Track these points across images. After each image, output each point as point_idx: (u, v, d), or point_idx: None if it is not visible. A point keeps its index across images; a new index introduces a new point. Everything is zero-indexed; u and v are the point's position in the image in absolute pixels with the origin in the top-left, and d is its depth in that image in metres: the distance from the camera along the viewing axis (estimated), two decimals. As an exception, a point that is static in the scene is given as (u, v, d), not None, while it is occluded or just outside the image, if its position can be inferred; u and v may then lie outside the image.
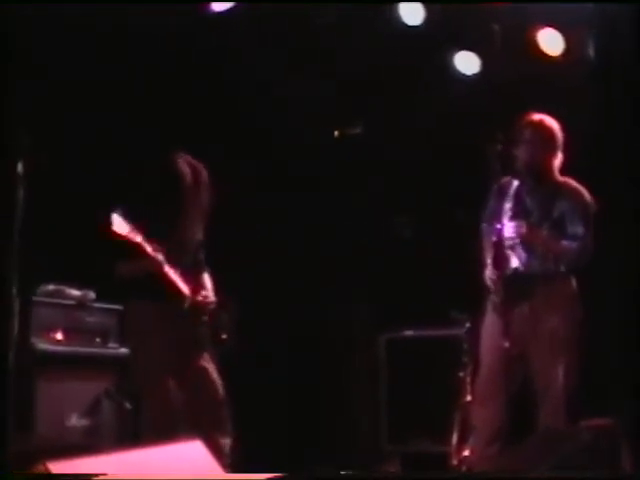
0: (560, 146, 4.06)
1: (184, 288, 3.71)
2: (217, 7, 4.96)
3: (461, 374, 4.58)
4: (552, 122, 4.06)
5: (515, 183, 4.05)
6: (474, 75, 5.30)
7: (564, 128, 4.06)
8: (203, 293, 3.80)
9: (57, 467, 2.01)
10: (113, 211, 3.56)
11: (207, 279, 3.92)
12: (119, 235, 3.54)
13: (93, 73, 4.80)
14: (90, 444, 4.13)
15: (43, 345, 4.27)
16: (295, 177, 5.79)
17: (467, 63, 5.31)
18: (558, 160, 4.07)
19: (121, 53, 4.82)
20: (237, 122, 5.41)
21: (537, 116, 4.07)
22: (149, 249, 3.60)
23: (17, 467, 2.46)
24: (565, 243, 3.99)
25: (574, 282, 4.04)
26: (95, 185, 4.49)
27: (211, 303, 3.82)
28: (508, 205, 4.00)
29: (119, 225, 3.54)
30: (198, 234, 3.91)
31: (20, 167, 3.64)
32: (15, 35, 4.12)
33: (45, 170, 3.68)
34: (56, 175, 4.31)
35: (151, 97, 4.94)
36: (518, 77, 4.97)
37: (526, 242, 3.98)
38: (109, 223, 3.53)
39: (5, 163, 3.64)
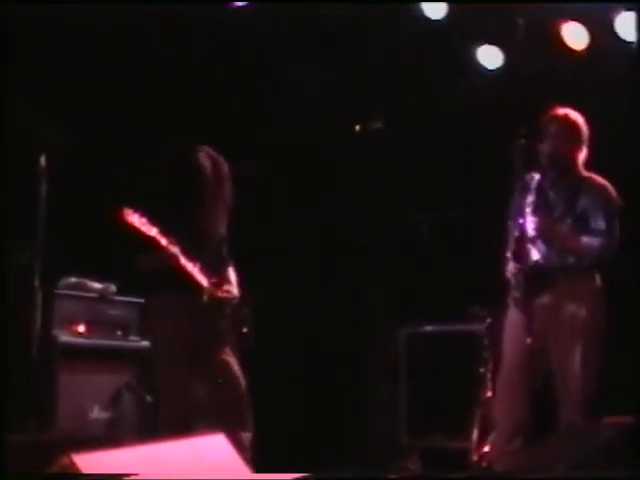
0: (585, 140, 4.03)
1: (203, 281, 3.72)
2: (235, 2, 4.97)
3: (482, 370, 4.56)
4: (577, 116, 4.03)
5: (539, 177, 4.02)
6: (497, 69, 5.26)
7: (589, 122, 4.03)
8: (225, 287, 3.80)
9: (82, 459, 2.02)
10: (128, 205, 3.57)
11: (231, 273, 3.91)
12: (134, 228, 3.55)
13: (115, 68, 4.82)
14: (111, 436, 4.15)
15: (65, 337, 4.30)
16: (314, 173, 5.78)
17: (490, 57, 5.28)
18: (583, 154, 4.04)
19: (143, 47, 4.84)
20: (256, 118, 5.41)
21: (562, 110, 4.04)
22: (164, 242, 3.61)
23: (39, 458, 2.47)
24: (585, 239, 3.96)
25: (597, 277, 4.01)
26: (116, 178, 4.52)
27: (233, 297, 3.83)
28: (531, 199, 3.98)
29: (133, 219, 3.55)
30: (221, 228, 3.91)
31: (43, 161, 3.67)
32: (30, 31, 4.15)
33: (67, 164, 3.71)
34: (77, 169, 4.34)
35: (172, 91, 4.96)
36: (542, 71, 4.94)
37: (546, 236, 3.95)
38: (123, 217, 3.55)
39: (29, 158, 3.67)
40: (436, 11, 5.06)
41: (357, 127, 5.05)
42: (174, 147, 3.85)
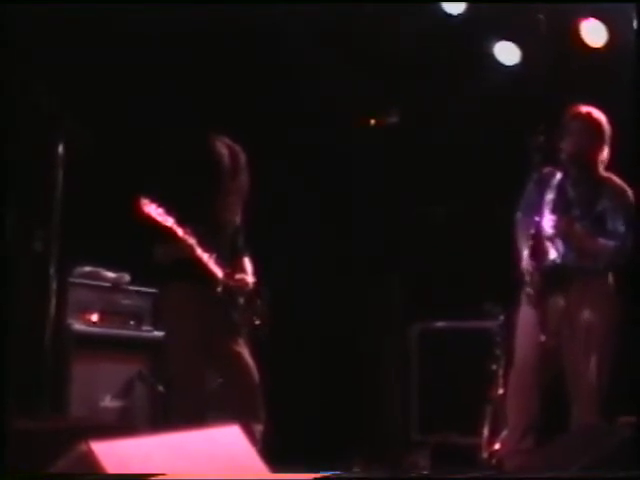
0: (607, 140, 4.01)
1: (218, 272, 3.72)
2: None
3: (494, 367, 4.55)
4: (600, 115, 4.01)
5: (558, 175, 4.00)
6: (515, 65, 5.24)
7: (610, 121, 4.00)
8: (237, 276, 3.79)
9: (98, 446, 2.02)
10: (148, 194, 3.57)
11: (247, 264, 3.91)
12: (150, 218, 3.55)
13: (130, 56, 4.82)
14: (123, 425, 4.16)
15: (79, 326, 4.32)
16: (329, 165, 5.77)
17: (508, 53, 5.26)
18: (604, 154, 4.02)
19: (159, 36, 4.83)
20: (272, 112, 5.40)
21: (585, 108, 4.01)
22: (180, 233, 3.61)
23: (51, 445, 2.48)
24: (602, 241, 3.94)
25: (611, 278, 3.99)
26: (132, 168, 4.52)
27: (246, 285, 3.81)
28: (550, 197, 3.95)
29: (150, 209, 3.55)
30: (236, 218, 3.91)
31: (61, 150, 3.67)
32: (47, 17, 4.14)
33: (85, 153, 3.71)
34: (93, 157, 4.34)
35: (188, 80, 4.96)
36: (559, 68, 4.91)
37: (565, 235, 3.93)
38: (140, 207, 3.54)
39: (46, 146, 3.67)
40: (455, 7, 5.04)
41: (372, 121, 5.04)
42: (191, 136, 3.85)
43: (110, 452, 2.02)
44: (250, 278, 3.86)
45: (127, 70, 4.82)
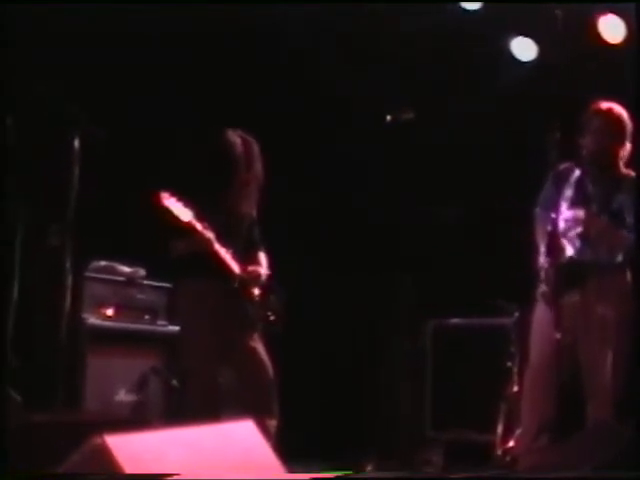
0: (629, 136, 3.96)
1: (234, 267, 3.71)
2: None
3: (509, 364, 4.53)
4: (621, 111, 3.95)
5: (577, 171, 3.96)
6: (532, 61, 5.21)
7: (632, 117, 3.95)
8: (250, 268, 3.78)
9: (113, 440, 2.03)
10: (164, 188, 3.57)
11: (262, 257, 3.90)
12: (170, 213, 3.55)
13: (142, 53, 4.83)
14: (136, 419, 4.17)
15: (94, 320, 4.33)
16: (343, 162, 5.76)
17: (524, 49, 5.23)
18: (626, 151, 3.98)
19: (170, 32, 4.84)
20: (286, 105, 5.40)
21: (606, 104, 3.96)
22: (199, 227, 3.61)
23: (66, 438, 2.49)
24: (624, 233, 3.91)
25: (629, 274, 3.96)
26: (147, 162, 4.53)
27: (259, 277, 3.80)
28: (569, 193, 3.92)
29: (170, 203, 3.55)
30: (251, 210, 3.90)
31: (77, 144, 3.68)
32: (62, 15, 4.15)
33: (99, 147, 3.72)
34: (108, 153, 4.36)
35: (200, 74, 4.96)
36: (577, 64, 4.88)
37: (584, 229, 3.90)
38: (160, 201, 3.55)
39: (62, 140, 3.68)
40: (472, 3, 5.02)
41: (388, 117, 5.02)
42: (206, 129, 3.84)
43: (124, 446, 2.03)
44: (264, 270, 3.85)
45: (140, 69, 4.83)
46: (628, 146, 3.98)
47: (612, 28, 4.90)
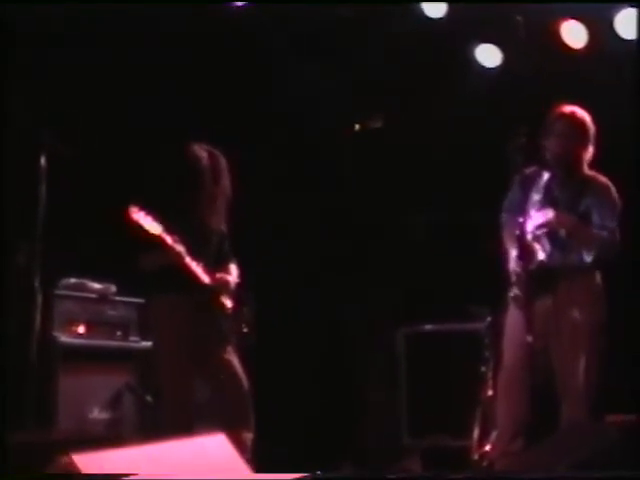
0: (591, 139, 4.01)
1: (205, 280, 3.71)
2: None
3: (483, 368, 4.54)
4: (584, 114, 4.00)
5: (545, 175, 3.99)
6: (496, 68, 5.26)
7: (594, 121, 4.00)
8: (218, 275, 3.77)
9: (81, 459, 2.01)
10: (132, 203, 3.56)
11: (233, 269, 3.90)
12: (139, 227, 3.54)
13: (115, 69, 4.82)
14: (111, 437, 4.14)
15: (65, 338, 4.30)
16: (312, 172, 5.78)
17: (489, 56, 5.28)
18: (589, 153, 4.02)
19: (139, 44, 4.83)
20: (255, 117, 5.41)
21: (569, 108, 3.99)
22: (169, 241, 3.60)
23: (39, 458, 2.47)
24: (594, 230, 3.94)
25: (599, 276, 4.00)
26: (114, 178, 4.51)
27: (228, 283, 3.79)
28: (536, 197, 3.95)
29: (139, 217, 3.54)
30: (221, 224, 3.90)
31: (43, 161, 3.67)
32: (31, 30, 4.13)
33: (66, 164, 3.70)
34: (76, 169, 4.33)
35: (173, 90, 4.96)
36: (541, 70, 4.93)
37: (556, 228, 3.92)
38: (129, 215, 3.54)
39: (29, 158, 3.66)
40: (436, 10, 5.06)
41: (356, 126, 5.05)
42: (173, 144, 3.85)
43: (92, 464, 2.01)
44: (233, 279, 3.84)
45: (110, 82, 4.81)
46: (591, 149, 4.03)
47: (574, 33, 4.96)
